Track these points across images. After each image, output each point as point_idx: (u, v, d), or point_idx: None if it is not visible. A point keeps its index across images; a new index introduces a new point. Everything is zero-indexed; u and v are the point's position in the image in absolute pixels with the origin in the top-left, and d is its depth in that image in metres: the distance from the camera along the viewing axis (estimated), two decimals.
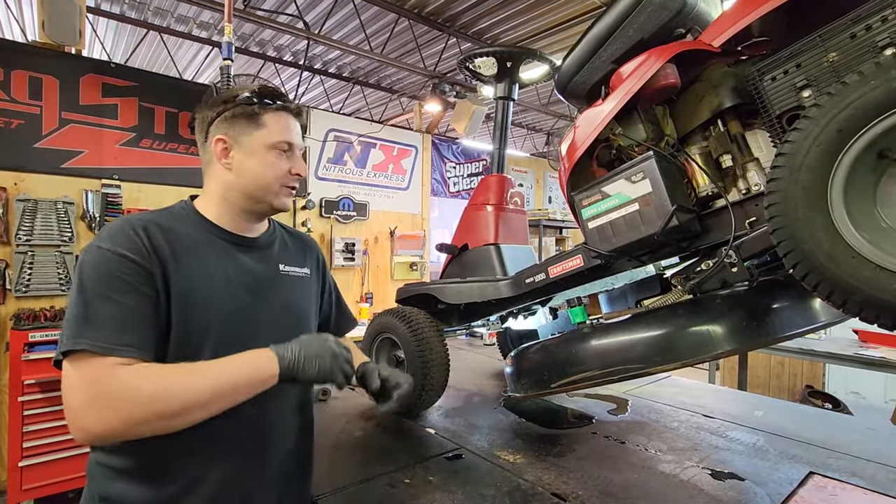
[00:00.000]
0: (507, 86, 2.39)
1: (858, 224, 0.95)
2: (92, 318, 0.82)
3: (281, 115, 1.06)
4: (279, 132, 1.05)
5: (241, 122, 1.03)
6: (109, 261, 0.87)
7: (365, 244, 5.85)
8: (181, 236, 0.98)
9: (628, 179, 1.41)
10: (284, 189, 1.07)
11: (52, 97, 3.66)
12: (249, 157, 1.04)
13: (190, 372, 0.85)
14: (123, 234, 0.90)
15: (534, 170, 9.02)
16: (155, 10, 5.20)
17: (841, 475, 1.59)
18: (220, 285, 0.98)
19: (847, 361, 3.73)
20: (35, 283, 3.46)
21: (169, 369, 0.85)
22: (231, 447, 0.97)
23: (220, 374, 0.86)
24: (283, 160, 1.06)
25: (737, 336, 1.29)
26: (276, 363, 0.90)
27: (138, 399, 0.80)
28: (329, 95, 7.83)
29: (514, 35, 5.68)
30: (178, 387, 0.82)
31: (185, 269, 0.94)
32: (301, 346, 0.94)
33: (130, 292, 0.86)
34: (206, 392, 0.84)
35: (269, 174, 1.04)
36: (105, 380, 0.80)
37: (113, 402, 0.79)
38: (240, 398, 0.88)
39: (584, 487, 1.50)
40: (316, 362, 0.93)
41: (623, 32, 1.50)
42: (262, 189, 1.05)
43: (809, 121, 1.00)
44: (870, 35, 1.07)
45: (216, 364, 0.88)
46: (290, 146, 1.07)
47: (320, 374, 0.94)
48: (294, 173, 1.08)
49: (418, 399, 2.05)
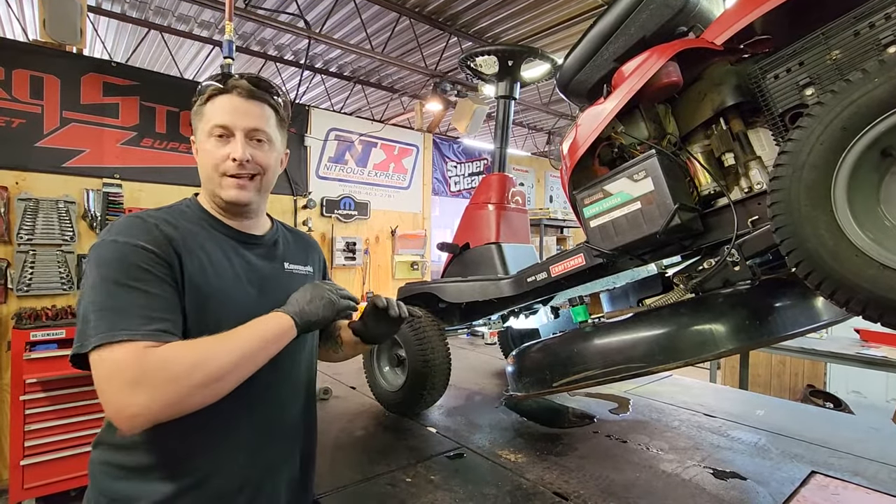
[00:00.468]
0: (508, 84, 2.39)
1: (862, 222, 0.95)
2: (120, 309, 0.81)
3: (217, 100, 0.99)
4: (211, 116, 0.98)
5: (195, 120, 1.03)
6: (130, 253, 0.86)
7: (366, 243, 5.85)
8: (189, 232, 0.98)
9: (630, 178, 1.40)
10: (226, 178, 0.99)
11: (54, 96, 3.66)
12: (200, 150, 1.02)
13: (221, 339, 0.86)
14: (138, 227, 0.90)
15: (535, 169, 9.01)
16: (156, 9, 5.20)
17: (843, 474, 1.59)
18: (231, 280, 0.98)
19: (849, 361, 3.72)
20: (36, 282, 3.46)
21: (201, 340, 0.85)
22: (239, 443, 0.97)
23: (248, 336, 0.89)
24: (219, 147, 0.98)
25: (739, 335, 1.29)
26: (288, 317, 0.95)
27: (182, 371, 0.79)
28: (330, 94, 7.83)
29: (515, 34, 5.68)
30: (214, 352, 0.84)
31: (197, 262, 0.94)
32: (297, 297, 1.00)
33: (154, 281, 0.85)
34: (239, 352, 0.86)
35: (207, 165, 0.99)
36: (145, 361, 0.78)
37: (160, 378, 0.78)
38: (271, 353, 0.91)
39: (585, 486, 1.50)
40: (320, 302, 0.99)
41: (625, 31, 1.50)
42: (207, 180, 1.01)
43: (813, 119, 1.00)
44: (873, 32, 1.06)
45: (240, 329, 0.90)
46: (226, 129, 0.98)
47: (327, 310, 1.00)
48: (231, 158, 0.97)
49: (420, 398, 2.05)
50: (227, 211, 1.05)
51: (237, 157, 0.97)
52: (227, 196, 1.00)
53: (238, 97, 0.99)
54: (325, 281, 1.06)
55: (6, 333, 3.34)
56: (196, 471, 0.92)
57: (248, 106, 1.00)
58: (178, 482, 0.91)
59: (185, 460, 0.92)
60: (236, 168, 0.98)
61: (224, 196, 1.00)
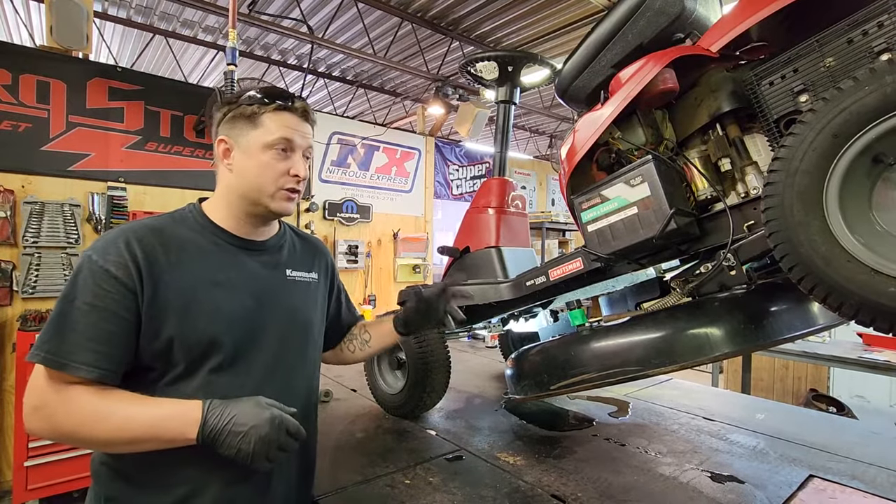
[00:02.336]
0: (508, 90, 2.41)
1: (854, 228, 0.96)
2: (60, 331, 0.85)
3: (280, 115, 1.01)
4: (275, 130, 1.00)
5: (241, 123, 1.01)
6: (93, 274, 0.87)
7: (368, 246, 5.87)
8: (185, 242, 0.98)
9: (627, 183, 1.42)
10: (282, 192, 1.02)
11: (60, 101, 3.71)
12: (247, 158, 1.01)
13: (119, 412, 0.85)
14: (114, 246, 0.90)
15: (536, 172, 9.03)
16: (161, 14, 5.26)
17: (841, 478, 1.59)
18: (225, 291, 0.98)
19: (851, 365, 3.71)
20: (42, 284, 3.50)
21: (104, 404, 0.85)
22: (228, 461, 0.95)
23: (145, 424, 0.85)
24: (280, 161, 1.01)
25: (735, 339, 1.30)
26: (194, 435, 0.84)
27: (65, 424, 0.84)
28: (333, 98, 7.87)
29: (516, 38, 5.71)
30: (104, 422, 0.84)
31: (186, 276, 0.94)
32: (237, 414, 0.85)
33: (105, 310, 0.86)
34: (126, 434, 0.84)
35: (264, 175, 1.00)
36: (50, 395, 0.84)
37: (48, 417, 0.85)
38: (160, 447, 0.86)
39: (583, 489, 1.51)
40: (240, 439, 0.83)
41: (622, 37, 1.51)
42: (257, 191, 1.01)
43: (805, 125, 1.01)
44: (866, 40, 1.08)
45: (146, 409, 0.86)
46: (289, 145, 1.01)
47: (240, 454, 0.84)
48: (292, 174, 1.01)
49: (420, 401, 2.06)
50: (260, 219, 1.06)
51: (301, 175, 1.03)
52: (278, 208, 1.03)
53: (298, 117, 1.04)
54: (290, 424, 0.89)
55: (11, 335, 3.37)
56: (193, 479, 0.93)
57: (304, 126, 1.05)
58: (175, 490, 0.92)
59: (182, 469, 0.93)
60: (295, 183, 1.03)
61: (275, 208, 1.03)
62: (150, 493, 0.92)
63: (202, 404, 0.86)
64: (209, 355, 0.94)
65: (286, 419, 0.88)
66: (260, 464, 0.85)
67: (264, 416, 0.86)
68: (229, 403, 0.87)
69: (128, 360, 0.90)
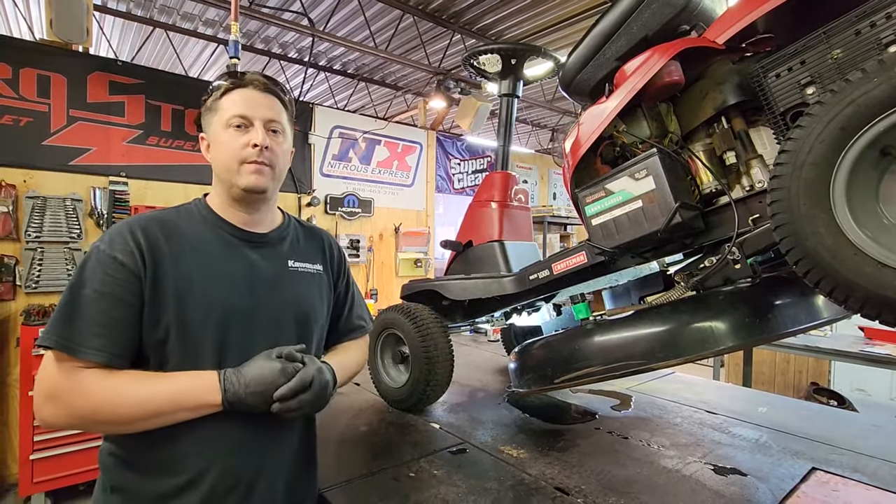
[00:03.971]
0: (511, 83, 2.39)
1: (861, 221, 0.95)
2: (69, 317, 0.87)
3: (234, 93, 1.02)
4: (228, 108, 1.01)
5: (208, 115, 1.05)
6: (100, 262, 0.90)
7: (370, 241, 5.87)
8: (188, 234, 1.00)
9: (632, 177, 1.41)
10: (245, 165, 1.01)
11: (60, 95, 3.70)
12: (216, 144, 1.04)
13: (143, 383, 0.88)
14: (120, 235, 0.93)
15: (538, 166, 9.01)
16: (161, 7, 5.23)
17: (843, 471, 1.60)
18: (223, 282, 0.99)
19: (853, 358, 3.71)
20: (44, 279, 3.51)
21: (118, 382, 0.87)
22: (233, 442, 0.98)
23: (167, 395, 0.89)
24: (238, 136, 1.01)
25: (739, 332, 1.30)
26: (219, 393, 0.91)
27: (84, 406, 0.85)
28: (334, 92, 7.84)
29: (518, 31, 5.67)
30: (125, 398, 0.86)
31: (185, 266, 0.96)
32: (249, 378, 0.92)
33: (113, 296, 0.89)
34: (149, 408, 0.87)
35: (226, 153, 1.01)
36: (62, 381, 0.85)
37: (64, 403, 0.86)
38: (183, 419, 0.91)
39: (586, 482, 1.52)
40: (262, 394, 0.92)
41: (627, 29, 1.50)
42: (226, 172, 1.02)
43: (813, 118, 1.00)
44: (874, 32, 1.07)
45: (168, 381, 0.90)
46: (244, 120, 1.01)
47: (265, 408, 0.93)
48: (251, 145, 1.00)
49: (423, 395, 2.07)
50: (241, 202, 1.06)
51: (258, 142, 1.00)
52: (245, 182, 1.02)
53: (255, 90, 1.03)
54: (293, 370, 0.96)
55: (15, 329, 3.39)
56: (189, 470, 0.95)
57: (265, 98, 1.04)
58: (173, 480, 0.94)
59: (179, 460, 0.94)
60: (257, 154, 1.01)
61: (242, 183, 1.02)
62: (154, 480, 0.94)
63: (217, 374, 0.92)
64: (205, 343, 0.95)
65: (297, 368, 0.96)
66: (288, 413, 0.94)
67: (276, 371, 0.93)
68: (242, 368, 0.94)
69: (135, 345, 0.92)
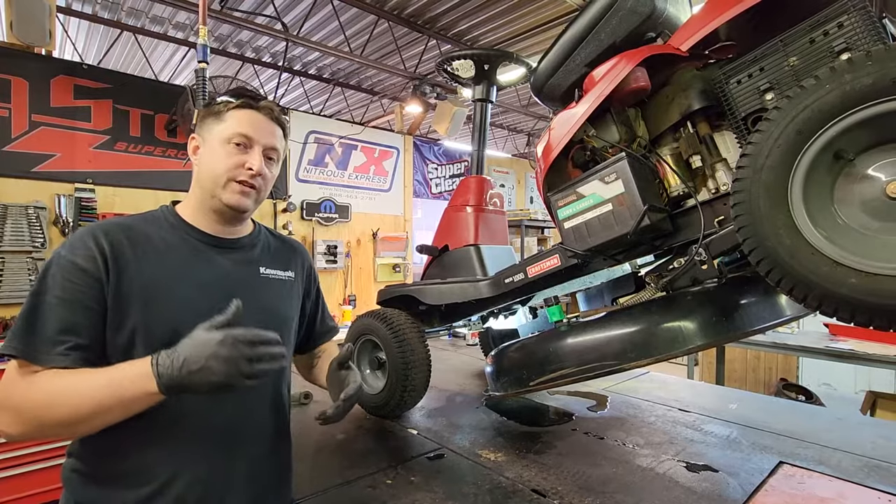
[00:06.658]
0: (484, 88, 2.42)
1: (817, 222, 0.99)
2: (31, 325, 0.86)
3: (244, 112, 1.04)
4: (235, 125, 1.03)
5: (209, 120, 1.05)
6: (62, 268, 0.89)
7: (347, 246, 5.83)
8: (153, 239, 0.99)
9: (602, 180, 1.44)
10: (233, 184, 1.02)
11: (21, 99, 3.58)
12: (209, 151, 1.04)
13: (76, 384, 0.83)
14: (81, 241, 0.92)
15: (515, 170, 9.10)
16: (129, 10, 5.10)
17: (809, 464, 1.65)
18: (191, 288, 0.98)
19: (818, 354, 3.85)
20: (6, 289, 3.37)
21: (62, 381, 0.83)
22: (201, 450, 0.96)
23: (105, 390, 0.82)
24: (236, 154, 1.02)
25: (707, 331, 1.33)
26: (154, 384, 0.80)
27: (28, 409, 0.83)
28: (309, 97, 7.77)
29: (493, 37, 5.72)
30: (68, 396, 0.82)
31: (150, 271, 0.95)
32: (187, 355, 0.80)
33: (74, 302, 0.88)
34: (91, 404, 0.81)
35: (218, 165, 1.02)
36: (14, 388, 0.84)
37: (12, 410, 0.84)
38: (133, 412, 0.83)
39: (563, 483, 1.53)
40: (212, 370, 0.79)
41: (596, 36, 1.54)
42: (211, 181, 1.02)
43: (770, 123, 1.04)
44: (827, 40, 1.12)
45: (101, 375, 0.84)
46: (247, 140, 1.03)
47: (221, 378, 0.80)
48: (246, 167, 1.02)
49: (400, 400, 2.05)
50: (218, 214, 1.06)
51: (254, 167, 1.02)
52: (229, 199, 1.03)
53: (263, 115, 1.06)
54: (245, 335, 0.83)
55: None
56: (155, 480, 0.93)
57: (270, 126, 1.07)
58: (140, 490, 0.92)
59: (147, 471, 0.93)
60: (248, 177, 1.02)
61: (226, 199, 1.03)
62: (119, 492, 0.92)
63: (149, 359, 0.82)
64: None
65: (238, 333, 0.83)
66: (240, 385, 0.81)
67: (214, 341, 0.81)
68: (177, 348, 0.82)
69: (98, 352, 0.90)
